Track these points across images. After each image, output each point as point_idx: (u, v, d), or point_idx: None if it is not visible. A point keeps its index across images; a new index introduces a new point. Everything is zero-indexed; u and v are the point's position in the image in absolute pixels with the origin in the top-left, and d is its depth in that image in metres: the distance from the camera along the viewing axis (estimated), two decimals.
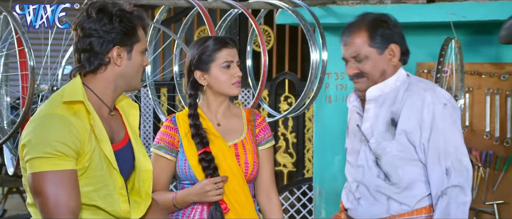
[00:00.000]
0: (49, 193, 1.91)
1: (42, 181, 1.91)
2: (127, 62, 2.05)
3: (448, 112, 2.35)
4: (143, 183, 2.14)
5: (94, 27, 1.98)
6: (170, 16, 5.75)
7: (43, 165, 1.91)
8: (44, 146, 1.91)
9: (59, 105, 1.98)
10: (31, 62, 2.60)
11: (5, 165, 3.02)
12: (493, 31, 3.61)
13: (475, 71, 3.85)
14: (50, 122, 1.94)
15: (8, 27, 2.78)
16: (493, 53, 3.83)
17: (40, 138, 1.93)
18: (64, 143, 1.92)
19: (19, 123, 2.66)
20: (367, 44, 2.40)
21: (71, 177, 1.94)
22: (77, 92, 2.00)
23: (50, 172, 1.91)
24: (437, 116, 2.33)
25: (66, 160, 1.93)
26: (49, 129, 1.93)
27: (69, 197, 1.92)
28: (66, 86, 2.03)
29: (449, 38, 3.35)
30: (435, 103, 2.35)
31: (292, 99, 5.51)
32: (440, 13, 3.64)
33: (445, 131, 2.33)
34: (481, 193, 3.83)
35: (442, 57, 3.24)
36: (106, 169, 2.02)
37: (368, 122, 2.46)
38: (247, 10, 3.22)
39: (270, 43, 5.60)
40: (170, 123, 2.56)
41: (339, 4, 3.92)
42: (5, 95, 2.95)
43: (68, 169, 1.93)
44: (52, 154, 1.91)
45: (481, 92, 3.85)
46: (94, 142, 1.99)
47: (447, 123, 2.34)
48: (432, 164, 2.35)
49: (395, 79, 2.44)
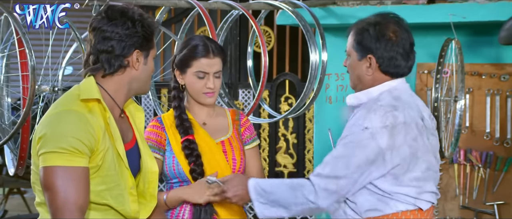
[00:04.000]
0: (59, 188, 1.92)
1: (53, 175, 1.92)
2: (143, 66, 2.09)
3: (363, 136, 2.25)
4: (148, 184, 2.16)
5: (116, 30, 2.02)
6: (171, 17, 5.75)
7: (56, 160, 1.93)
8: (59, 141, 1.92)
9: (75, 102, 2.00)
10: (32, 63, 2.60)
11: (6, 166, 3.02)
12: (493, 32, 3.61)
13: (476, 72, 3.85)
14: (67, 117, 1.96)
15: (9, 28, 2.79)
16: (493, 54, 3.84)
17: (56, 132, 1.94)
18: (80, 139, 1.93)
19: (20, 123, 2.67)
20: (351, 44, 2.41)
21: (83, 174, 1.95)
22: (94, 90, 2.03)
23: (62, 167, 1.92)
24: (351, 133, 2.29)
25: (79, 156, 1.94)
26: (66, 124, 1.95)
27: (79, 194, 1.93)
28: (81, 85, 2.05)
29: (450, 39, 3.35)
30: (358, 124, 2.28)
31: (292, 100, 5.51)
32: (440, 14, 3.64)
33: (346, 147, 2.28)
34: (481, 193, 3.83)
35: (442, 58, 3.24)
36: (118, 168, 2.04)
37: None
38: (247, 11, 3.22)
39: (270, 44, 5.60)
40: (156, 122, 2.59)
41: (339, 5, 3.92)
42: (6, 96, 2.95)
43: (80, 166, 1.94)
44: (66, 150, 1.92)
45: (481, 93, 3.85)
46: (108, 140, 2.01)
47: (353, 144, 2.27)
48: (324, 159, 2.35)
49: (376, 91, 2.36)
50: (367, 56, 2.36)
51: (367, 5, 3.85)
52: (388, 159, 2.27)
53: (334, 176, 2.29)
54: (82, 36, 2.91)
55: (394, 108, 2.32)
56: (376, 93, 2.38)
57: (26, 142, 2.75)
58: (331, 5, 3.90)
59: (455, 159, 3.87)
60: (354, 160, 2.28)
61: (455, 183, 3.89)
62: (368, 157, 2.26)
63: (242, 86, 5.57)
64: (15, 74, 2.80)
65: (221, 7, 3.34)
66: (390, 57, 2.35)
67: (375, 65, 2.36)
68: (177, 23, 5.72)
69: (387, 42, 2.34)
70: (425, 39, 3.90)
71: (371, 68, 2.36)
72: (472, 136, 3.84)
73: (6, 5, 2.67)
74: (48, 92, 2.87)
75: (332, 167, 2.30)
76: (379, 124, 2.27)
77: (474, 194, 3.83)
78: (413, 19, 3.75)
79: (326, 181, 2.30)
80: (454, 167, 3.90)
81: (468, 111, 3.84)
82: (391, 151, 2.27)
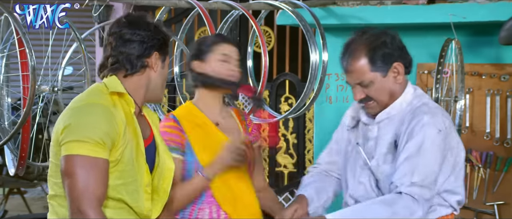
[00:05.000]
0: (79, 177, 1.95)
1: (75, 163, 1.96)
2: (160, 70, 2.16)
3: (440, 138, 2.28)
4: (163, 180, 2.18)
5: (138, 32, 2.09)
6: (171, 17, 5.75)
7: (79, 149, 1.96)
8: (85, 130, 1.96)
9: (100, 96, 2.05)
10: (32, 63, 2.60)
11: (6, 166, 3.02)
12: (493, 32, 3.61)
13: (476, 72, 3.85)
14: (93, 109, 2.00)
15: (9, 28, 2.79)
16: (494, 54, 3.83)
17: (82, 123, 1.98)
18: (104, 131, 1.97)
19: (20, 123, 2.67)
20: (369, 69, 2.31)
21: (103, 166, 1.98)
22: (119, 85, 2.08)
23: (84, 157, 1.96)
24: (427, 137, 2.27)
25: (102, 148, 1.98)
26: (91, 116, 1.99)
27: (98, 185, 1.96)
28: (106, 81, 2.10)
29: (450, 39, 3.35)
30: (430, 125, 2.28)
31: (292, 100, 5.51)
32: (440, 14, 3.64)
33: (429, 154, 2.27)
34: (481, 193, 3.83)
35: (442, 58, 3.24)
36: (136, 163, 2.07)
37: (372, 141, 2.40)
38: (247, 11, 3.22)
39: (270, 44, 5.60)
40: (173, 122, 2.49)
41: (339, 5, 3.92)
42: (6, 96, 2.95)
43: (102, 158, 1.98)
44: (91, 139, 1.96)
45: (481, 93, 3.85)
46: (128, 135, 2.05)
47: (434, 148, 2.28)
48: (402, 172, 2.27)
49: (401, 101, 2.37)
50: (392, 66, 2.33)
51: (367, 5, 3.85)
52: (448, 157, 2.32)
53: (429, 182, 2.26)
54: (82, 36, 2.91)
55: (441, 110, 2.39)
56: (401, 103, 2.36)
57: (26, 142, 2.75)
58: (331, 5, 3.90)
59: None
60: (436, 164, 2.28)
61: None
62: (442, 159, 2.30)
63: None
64: (15, 74, 2.81)
65: (221, 7, 3.34)
66: (405, 54, 2.39)
67: (402, 68, 2.35)
68: (177, 23, 5.72)
69: (397, 43, 2.37)
70: (425, 39, 3.90)
71: (400, 75, 2.35)
72: (472, 136, 3.84)
73: (6, 5, 2.67)
74: (48, 92, 2.87)
75: (422, 175, 2.25)
76: (445, 124, 2.31)
77: (474, 194, 3.83)
78: (413, 19, 3.76)
79: (424, 191, 2.25)
80: None
81: (468, 111, 3.84)
82: (450, 151, 2.33)
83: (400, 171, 2.27)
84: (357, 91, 2.36)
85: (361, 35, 2.37)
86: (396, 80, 2.34)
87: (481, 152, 3.82)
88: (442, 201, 2.37)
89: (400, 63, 2.34)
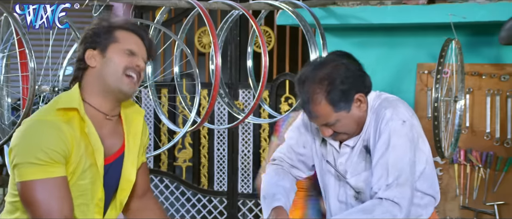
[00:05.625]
0: (40, 202, 1.90)
1: (33, 190, 1.90)
2: (101, 60, 2.06)
3: (406, 129, 2.24)
4: (121, 191, 2.14)
5: (77, 42, 2.12)
6: (171, 17, 5.75)
7: (33, 173, 1.91)
8: (34, 151, 1.91)
9: (51, 112, 1.99)
10: (32, 63, 2.60)
11: (6, 166, 3.01)
12: (493, 32, 3.60)
13: (476, 72, 3.85)
14: (40, 127, 1.94)
15: (9, 28, 2.79)
16: (494, 54, 3.83)
17: (29, 143, 1.92)
18: (54, 149, 1.91)
19: (19, 124, 2.66)
20: (332, 111, 2.26)
21: (62, 183, 1.93)
22: (73, 100, 2.01)
23: (40, 180, 1.90)
24: (392, 132, 2.23)
25: (56, 166, 1.92)
26: (39, 134, 1.93)
27: (62, 204, 1.92)
28: (63, 94, 2.05)
29: (450, 39, 3.35)
30: (393, 119, 2.24)
31: (292, 100, 5.50)
32: (440, 14, 3.64)
33: (398, 147, 2.23)
34: (481, 193, 3.82)
35: (442, 58, 3.24)
36: (89, 179, 2.01)
37: (343, 157, 2.36)
38: (247, 11, 3.22)
39: (270, 44, 5.60)
40: None
41: (339, 5, 3.92)
42: (6, 96, 2.95)
43: (59, 176, 1.93)
44: (43, 161, 1.90)
45: (481, 93, 3.85)
46: (82, 150, 1.98)
47: (402, 140, 2.23)
48: (377, 174, 2.24)
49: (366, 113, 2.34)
50: (354, 98, 2.28)
51: (367, 5, 3.85)
52: (421, 147, 2.28)
53: (405, 178, 2.21)
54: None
55: (402, 101, 2.34)
56: (370, 107, 2.33)
57: None
58: (331, 5, 3.90)
59: (455, 159, 3.87)
60: (407, 156, 2.22)
61: (455, 183, 3.89)
62: (414, 147, 2.25)
63: (242, 87, 5.57)
64: (15, 74, 2.80)
65: (221, 7, 3.34)
66: (363, 75, 2.32)
67: (364, 97, 2.30)
68: (177, 24, 5.72)
69: (351, 70, 2.29)
70: (425, 39, 3.90)
71: (363, 103, 2.31)
72: (472, 136, 3.84)
73: (6, 5, 2.67)
74: (48, 92, 2.87)
75: (395, 172, 2.20)
76: (408, 113, 2.27)
77: (474, 194, 3.83)
78: (413, 19, 3.75)
79: (402, 189, 2.20)
80: (454, 167, 3.90)
81: (468, 111, 3.84)
82: (422, 139, 2.29)
83: (375, 175, 2.24)
84: (324, 129, 2.31)
85: (313, 71, 2.28)
86: (360, 109, 2.30)
87: (481, 152, 3.82)
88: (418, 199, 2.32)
89: (360, 94, 2.29)
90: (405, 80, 4.04)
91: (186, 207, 5.77)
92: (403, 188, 2.21)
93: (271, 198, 2.36)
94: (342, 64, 2.28)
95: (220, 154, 5.69)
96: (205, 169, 5.75)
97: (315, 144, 2.46)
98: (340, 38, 4.10)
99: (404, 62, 4.04)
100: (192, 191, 5.75)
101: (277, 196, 2.36)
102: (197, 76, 3.16)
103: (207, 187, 5.74)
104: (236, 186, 5.66)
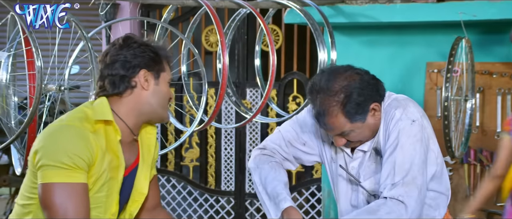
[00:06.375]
0: (58, 206, 1.91)
1: (52, 193, 1.91)
2: (154, 87, 2.07)
3: (415, 129, 2.20)
4: (132, 203, 2.14)
5: (120, 52, 2.03)
6: (178, 15, 5.73)
7: (55, 176, 1.92)
8: (59, 155, 1.92)
9: (80, 119, 1.99)
10: (39, 62, 2.58)
11: (13, 165, 3.00)
12: (504, 30, 3.57)
13: (486, 71, 3.81)
14: (68, 132, 1.95)
15: (16, 27, 2.77)
16: (504, 53, 3.80)
17: (56, 146, 1.93)
18: (79, 155, 1.93)
19: (26, 123, 2.65)
20: (348, 122, 2.21)
21: (82, 190, 1.94)
22: (107, 112, 2.02)
23: (61, 184, 1.91)
24: (401, 132, 2.19)
25: (79, 172, 1.93)
26: (66, 139, 1.94)
27: (78, 211, 1.92)
28: (95, 106, 2.04)
29: (460, 37, 3.32)
30: (402, 119, 2.20)
31: (300, 99, 5.48)
32: (450, 12, 3.61)
33: (406, 147, 2.19)
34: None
35: (452, 56, 3.21)
36: (106, 192, 2.02)
37: (356, 161, 2.33)
38: (255, 10, 3.19)
39: (278, 42, 5.57)
40: None
41: (348, 3, 3.89)
42: (12, 95, 2.94)
43: (80, 182, 1.94)
44: (65, 165, 1.92)
45: (492, 92, 3.81)
46: (105, 164, 2.00)
47: (411, 139, 2.19)
48: (384, 174, 2.20)
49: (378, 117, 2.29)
50: (369, 108, 2.24)
51: (376, 4, 3.82)
52: (432, 148, 2.25)
53: (412, 177, 2.17)
54: (88, 35, 2.89)
55: (411, 101, 2.29)
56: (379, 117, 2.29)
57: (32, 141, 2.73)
58: (339, 4, 3.87)
59: (465, 159, 3.83)
60: (417, 155, 2.18)
61: (465, 183, 3.85)
62: (425, 148, 2.22)
63: (249, 86, 5.55)
64: (22, 73, 2.79)
65: (229, 5, 3.31)
66: (377, 84, 2.27)
67: (379, 106, 2.26)
68: (185, 22, 5.70)
69: (365, 81, 2.24)
70: (435, 37, 3.87)
71: (378, 111, 2.26)
72: (482, 136, 3.81)
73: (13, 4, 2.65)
74: (55, 91, 2.85)
75: (402, 171, 2.17)
76: (418, 113, 2.23)
77: None
78: (423, 18, 3.72)
79: (408, 188, 2.16)
80: (464, 167, 3.86)
81: (479, 110, 3.81)
82: (433, 139, 2.26)
83: (382, 175, 2.20)
84: (338, 139, 2.27)
85: (328, 82, 2.23)
86: (375, 117, 2.26)
87: (491, 152, 3.78)
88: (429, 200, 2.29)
89: (375, 103, 2.25)
90: (415, 79, 4.01)
91: (193, 207, 5.76)
92: (409, 187, 2.16)
93: (276, 197, 2.33)
94: (357, 74, 2.24)
95: (228, 153, 5.68)
96: (212, 169, 5.74)
97: (324, 148, 2.43)
98: (348, 36, 4.07)
99: (413, 61, 4.01)
100: (199, 191, 5.73)
101: (282, 195, 2.32)
102: (204, 75, 3.14)
103: (214, 186, 5.72)
104: (243, 186, 5.64)
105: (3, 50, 2.85)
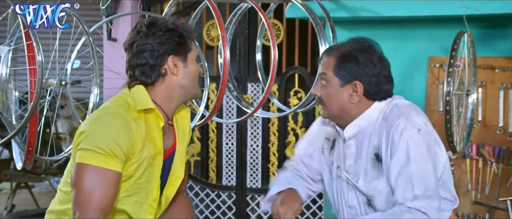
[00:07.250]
0: (85, 187, 1.95)
1: (84, 173, 1.96)
2: (183, 70, 2.10)
3: (422, 137, 2.21)
4: (168, 186, 2.18)
5: (147, 41, 2.06)
6: (179, 10, 5.72)
7: (91, 159, 1.96)
8: (99, 141, 1.96)
9: (125, 108, 2.03)
10: (40, 56, 2.58)
11: (14, 160, 3.00)
12: (506, 25, 3.56)
13: (488, 66, 3.80)
14: (113, 119, 1.99)
15: (16, 21, 2.77)
16: (507, 47, 3.79)
17: (99, 132, 1.98)
18: (118, 144, 1.97)
19: (27, 117, 2.64)
20: (332, 69, 2.27)
21: (113, 178, 1.98)
22: (148, 101, 2.06)
23: (94, 167, 1.95)
24: (410, 143, 2.20)
25: (114, 160, 1.97)
26: (110, 126, 1.98)
27: (104, 197, 1.95)
28: (134, 94, 2.07)
29: (462, 32, 3.30)
30: (407, 128, 2.21)
31: (302, 94, 5.47)
32: (452, 7, 3.60)
33: (418, 157, 2.20)
34: (494, 188, 3.78)
35: (454, 51, 3.20)
36: (147, 177, 2.06)
37: (350, 159, 2.33)
38: (256, 4, 3.18)
39: (279, 37, 5.56)
40: None
41: None
42: (13, 89, 2.93)
43: (112, 170, 1.97)
44: (103, 151, 1.96)
45: (494, 87, 3.80)
46: (146, 151, 2.03)
47: (420, 149, 2.21)
48: (401, 187, 2.21)
49: (373, 112, 2.29)
50: (352, 82, 2.26)
51: None
52: (438, 152, 2.26)
53: (432, 189, 2.20)
54: (90, 30, 2.89)
55: (413, 107, 2.29)
56: (377, 113, 2.28)
57: (33, 136, 2.73)
58: None
59: (467, 153, 3.83)
60: (429, 165, 2.21)
61: (467, 178, 3.85)
62: (433, 156, 2.24)
63: (251, 80, 5.54)
64: (23, 68, 2.78)
65: (230, 0, 3.30)
66: (378, 83, 2.28)
67: (361, 91, 2.27)
68: (186, 17, 5.69)
69: (375, 67, 2.27)
70: (437, 32, 3.86)
71: (357, 95, 2.27)
72: (484, 130, 3.80)
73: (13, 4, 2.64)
74: (56, 86, 2.85)
75: (422, 185, 2.19)
76: (422, 121, 2.23)
77: (487, 189, 3.79)
78: (425, 12, 3.71)
79: (430, 201, 2.19)
80: (466, 162, 3.86)
81: (481, 104, 3.80)
82: (438, 144, 2.27)
83: (400, 188, 2.21)
84: (316, 87, 2.33)
85: (348, 42, 2.32)
86: (350, 98, 2.27)
87: (493, 147, 3.78)
88: None
89: (360, 84, 2.26)
90: (416, 74, 4.00)
91: (194, 201, 5.76)
92: (431, 200, 2.20)
93: (282, 183, 2.39)
94: (374, 55, 2.29)
95: (229, 148, 5.67)
96: (213, 164, 5.74)
97: (324, 153, 2.45)
98: (350, 31, 4.06)
99: (415, 56, 4.00)
100: (200, 186, 5.73)
101: (292, 183, 2.38)
102: (205, 70, 3.13)
103: (216, 181, 5.72)
104: (244, 181, 5.64)
105: (4, 45, 2.84)
